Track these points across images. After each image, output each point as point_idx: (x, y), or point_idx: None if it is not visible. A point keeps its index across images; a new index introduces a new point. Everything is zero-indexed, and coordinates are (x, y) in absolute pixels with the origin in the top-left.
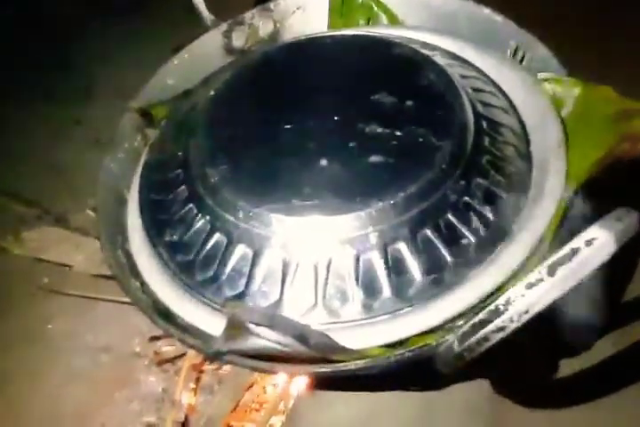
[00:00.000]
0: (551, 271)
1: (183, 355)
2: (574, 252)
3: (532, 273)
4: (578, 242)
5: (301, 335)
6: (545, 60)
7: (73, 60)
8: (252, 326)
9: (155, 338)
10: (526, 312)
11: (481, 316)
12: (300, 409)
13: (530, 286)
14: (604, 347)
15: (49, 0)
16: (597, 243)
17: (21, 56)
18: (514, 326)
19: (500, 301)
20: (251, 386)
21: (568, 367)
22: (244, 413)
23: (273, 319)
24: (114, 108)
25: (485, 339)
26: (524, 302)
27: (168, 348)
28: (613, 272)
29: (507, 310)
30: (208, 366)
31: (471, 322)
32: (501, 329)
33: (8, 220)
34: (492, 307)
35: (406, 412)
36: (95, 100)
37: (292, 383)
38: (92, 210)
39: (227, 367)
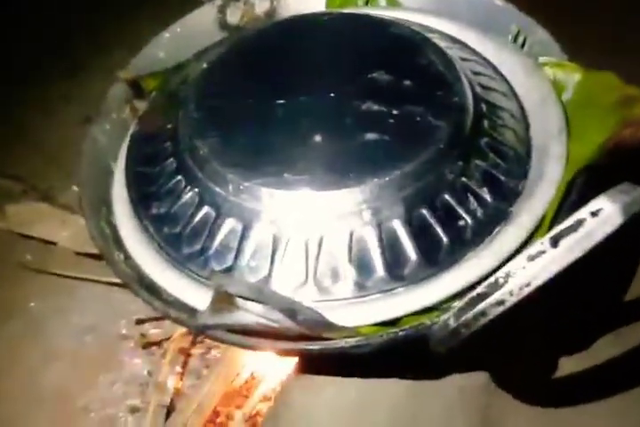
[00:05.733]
0: (554, 242)
1: (170, 338)
2: (579, 222)
3: (533, 245)
4: (583, 213)
5: (291, 311)
6: (546, 44)
7: (60, 36)
8: (239, 300)
9: (141, 321)
10: (527, 285)
11: (479, 289)
12: (289, 395)
13: (531, 257)
14: (603, 345)
15: None
16: (603, 214)
17: (6, 33)
18: (513, 299)
19: (500, 273)
20: (239, 372)
21: (566, 365)
22: (232, 398)
23: (261, 293)
24: (103, 84)
25: (483, 313)
26: (525, 275)
27: (155, 330)
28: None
29: (506, 282)
30: (195, 351)
31: (469, 296)
32: (500, 303)
33: None
34: (491, 280)
35: (398, 399)
36: (84, 77)
37: (281, 369)
38: (77, 186)
39: (215, 352)
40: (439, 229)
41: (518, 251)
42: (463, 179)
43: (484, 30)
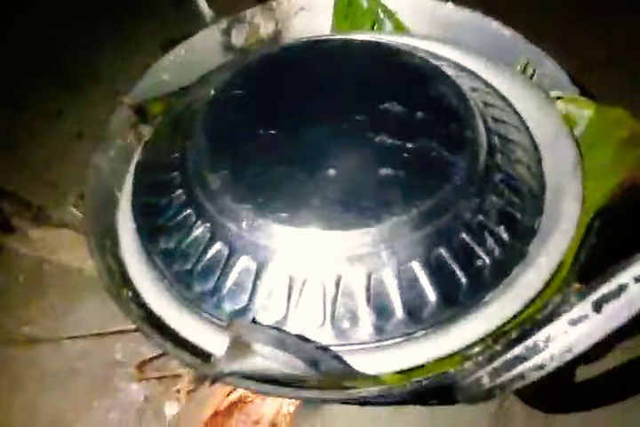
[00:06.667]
0: (597, 307)
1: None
2: (621, 288)
3: (575, 308)
4: (625, 277)
5: (313, 359)
6: (555, 77)
7: (56, 51)
8: (257, 347)
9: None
10: (569, 351)
11: (517, 351)
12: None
13: (573, 322)
14: (619, 351)
15: None
16: None
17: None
18: (554, 365)
19: (540, 337)
20: (243, 399)
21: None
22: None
23: (283, 341)
24: (97, 99)
25: (522, 376)
26: (567, 340)
27: (152, 354)
28: None
29: (547, 347)
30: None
31: (505, 357)
32: (540, 367)
33: None
34: (529, 343)
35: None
36: (78, 92)
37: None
38: (73, 206)
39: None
40: (458, 270)
41: (539, 295)
42: (480, 217)
43: (492, 60)
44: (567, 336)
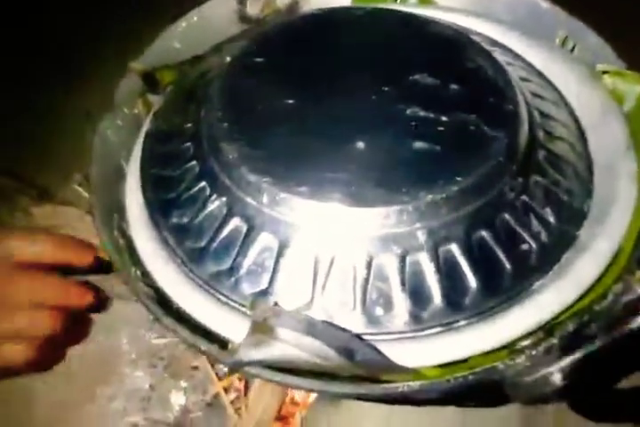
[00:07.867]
0: None
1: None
2: None
3: None
4: None
5: (346, 348)
6: (599, 52)
7: (62, 31)
8: (283, 333)
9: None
10: None
11: (599, 344)
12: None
13: None
14: None
15: None
16: None
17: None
18: None
19: (633, 325)
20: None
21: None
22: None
23: (313, 327)
24: (106, 79)
25: None
26: None
27: (158, 341)
28: None
29: None
30: (201, 364)
31: (585, 350)
32: None
33: None
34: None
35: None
36: (86, 71)
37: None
38: (78, 185)
39: (222, 366)
40: (501, 254)
41: (595, 283)
42: (524, 197)
43: (527, 34)
44: None
